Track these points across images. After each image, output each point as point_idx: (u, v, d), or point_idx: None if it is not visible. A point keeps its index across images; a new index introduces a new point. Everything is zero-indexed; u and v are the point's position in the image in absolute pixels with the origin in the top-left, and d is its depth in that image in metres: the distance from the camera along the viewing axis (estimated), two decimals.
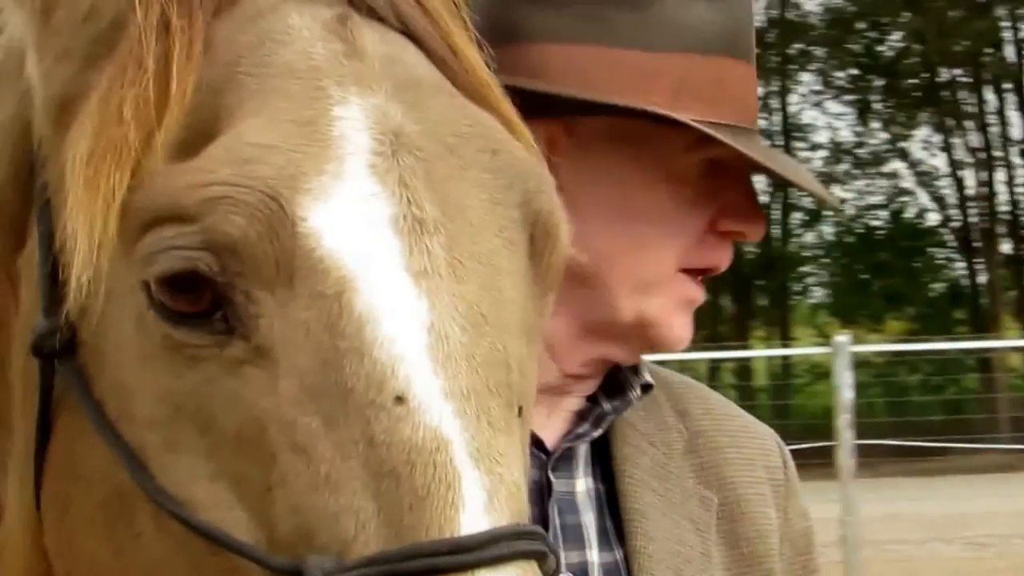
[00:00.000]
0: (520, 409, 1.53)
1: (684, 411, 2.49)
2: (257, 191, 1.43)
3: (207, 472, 1.47)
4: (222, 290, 1.45)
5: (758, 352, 40.68)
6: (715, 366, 35.66)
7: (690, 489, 2.39)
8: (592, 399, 2.38)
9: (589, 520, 2.32)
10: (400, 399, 1.40)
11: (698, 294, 2.34)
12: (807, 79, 45.65)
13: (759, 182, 2.57)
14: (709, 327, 37.13)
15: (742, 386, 36.25)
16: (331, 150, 1.48)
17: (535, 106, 1.95)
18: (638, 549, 2.27)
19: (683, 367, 13.26)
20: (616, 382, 2.39)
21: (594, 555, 2.28)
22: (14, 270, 1.72)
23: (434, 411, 1.40)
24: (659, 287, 2.27)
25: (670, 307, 2.29)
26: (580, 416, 2.37)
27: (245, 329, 1.45)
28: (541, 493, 2.29)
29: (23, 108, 1.73)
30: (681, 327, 2.32)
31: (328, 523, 1.39)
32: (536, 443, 2.30)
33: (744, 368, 39.91)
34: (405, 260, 1.46)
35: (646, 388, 2.40)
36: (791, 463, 2.56)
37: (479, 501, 1.38)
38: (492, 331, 1.49)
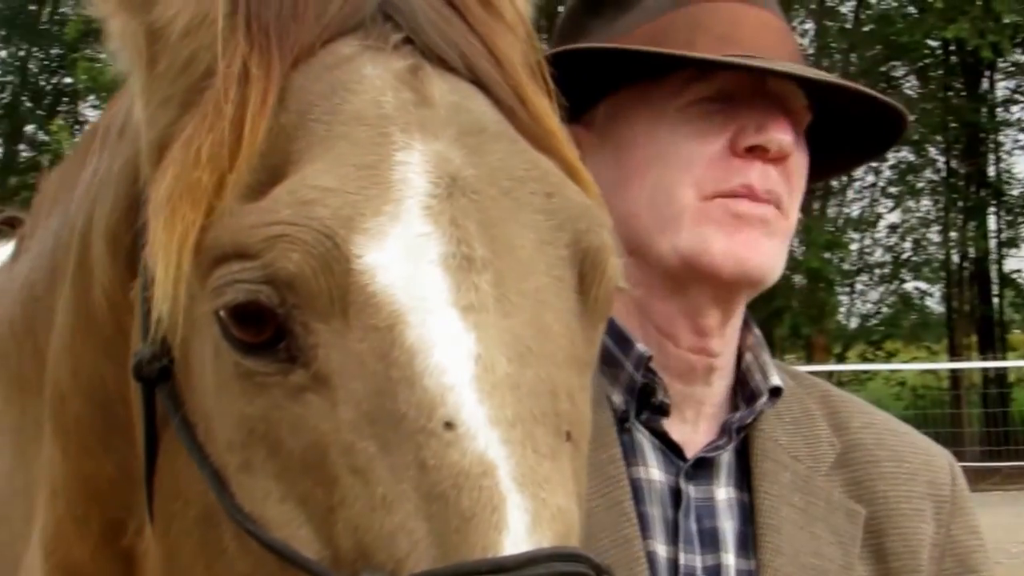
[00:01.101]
0: (569, 435, 1.56)
1: (841, 424, 2.50)
2: (313, 230, 1.50)
3: (278, 492, 1.54)
4: (283, 321, 1.52)
5: None
6: None
7: (836, 502, 2.40)
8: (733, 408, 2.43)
9: (728, 527, 2.34)
10: (449, 426, 1.45)
11: (742, 207, 2.32)
12: None
13: None
14: None
15: None
16: (389, 192, 1.54)
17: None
18: (766, 563, 2.30)
19: None
20: (751, 392, 2.42)
21: (730, 559, 2.31)
22: (131, 300, 1.81)
23: (480, 438, 1.45)
24: (686, 219, 2.30)
25: (706, 233, 2.30)
26: (723, 429, 2.41)
27: (305, 358, 1.52)
28: (675, 499, 2.33)
29: (136, 153, 1.83)
30: (736, 244, 2.32)
31: (384, 542, 1.44)
32: (676, 451, 2.35)
33: None
34: (454, 295, 1.51)
35: (774, 392, 2.41)
36: (961, 481, 2.54)
37: (522, 524, 1.42)
38: (538, 362, 1.54)
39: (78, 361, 2.01)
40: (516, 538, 1.41)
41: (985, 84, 35.75)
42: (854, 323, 37.22)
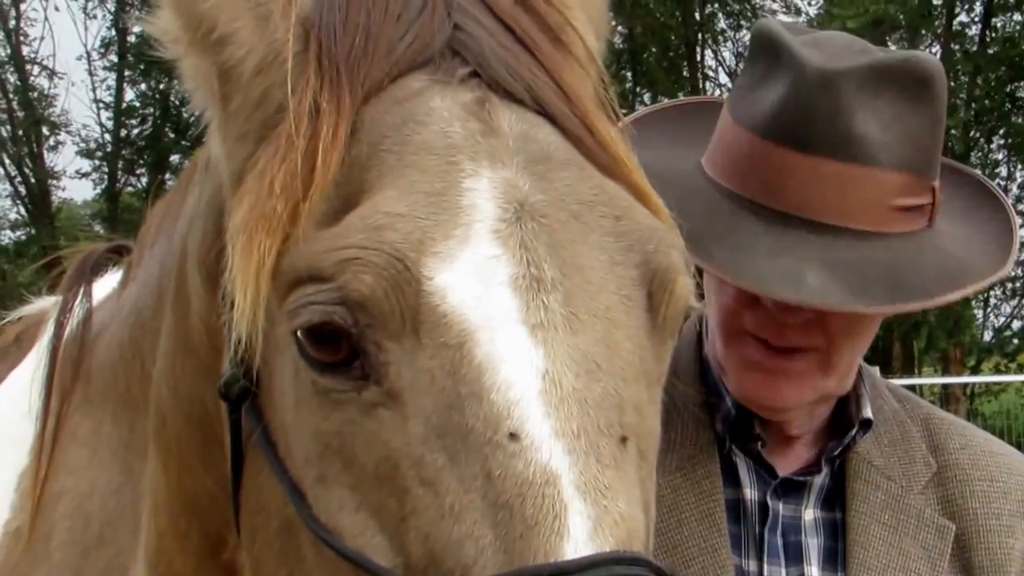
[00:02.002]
0: (635, 446, 1.58)
1: (938, 446, 2.53)
2: (385, 253, 1.53)
3: (353, 503, 1.58)
4: (357, 341, 1.56)
5: None
6: None
7: (927, 519, 2.43)
8: (832, 437, 2.47)
9: (813, 543, 2.40)
10: (514, 437, 1.48)
11: (755, 355, 2.33)
12: None
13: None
14: None
15: None
16: (459, 217, 1.57)
17: None
18: None
19: None
20: (845, 421, 2.47)
21: (813, 571, 2.37)
22: (222, 324, 1.85)
23: (544, 449, 1.47)
24: (724, 340, 2.36)
25: (733, 363, 2.35)
26: (816, 455, 2.46)
27: (377, 375, 1.56)
28: (763, 515, 2.40)
29: (220, 185, 1.88)
30: (748, 385, 2.35)
31: (453, 549, 1.48)
32: (768, 470, 2.42)
33: None
34: (522, 314, 1.54)
35: (865, 424, 2.45)
36: None
37: (583, 530, 1.44)
38: (606, 377, 1.55)
39: (178, 383, 2.05)
40: (577, 543, 1.44)
41: None
42: (988, 336, 36.80)
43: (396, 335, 1.55)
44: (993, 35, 34.25)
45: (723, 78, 38.54)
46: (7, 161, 37.02)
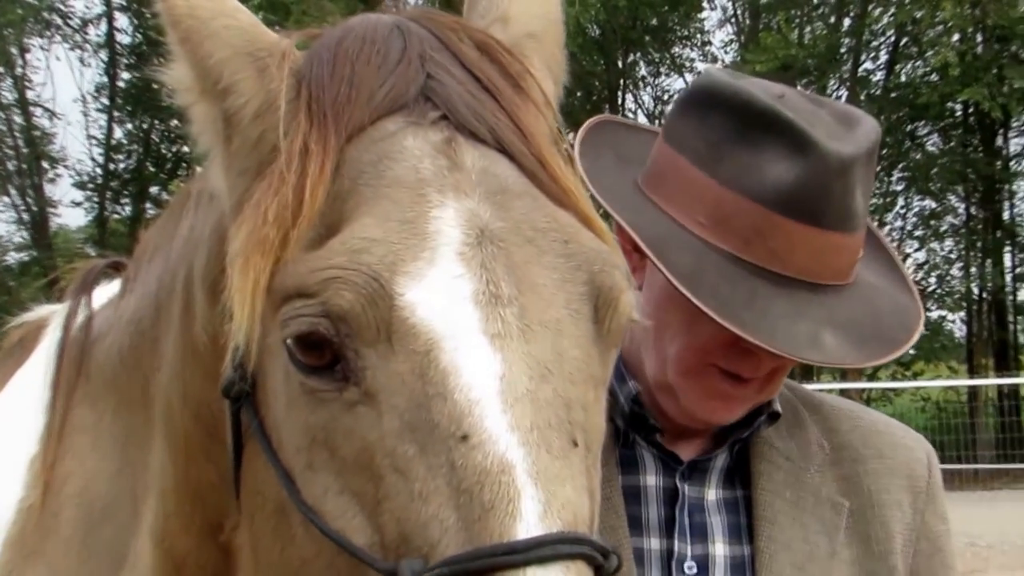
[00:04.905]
0: (581, 440, 1.68)
1: (830, 428, 2.63)
2: (362, 273, 1.63)
3: (336, 488, 1.68)
4: (338, 348, 1.66)
5: None
6: None
7: (824, 497, 2.53)
8: (732, 425, 2.51)
9: (717, 521, 2.49)
10: (475, 432, 1.58)
11: (727, 389, 2.39)
12: None
13: None
14: None
15: None
16: (426, 241, 1.67)
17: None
18: (760, 549, 2.45)
19: None
20: (752, 413, 2.52)
21: (718, 549, 2.46)
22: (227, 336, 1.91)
23: (501, 442, 1.57)
24: (683, 372, 2.39)
25: (695, 391, 2.40)
26: (716, 439, 2.55)
27: (356, 378, 1.65)
28: (672, 498, 2.49)
29: (222, 215, 1.98)
30: (709, 408, 2.42)
31: (421, 529, 1.57)
32: (673, 457, 2.50)
33: None
34: (482, 325, 1.63)
35: (772, 416, 2.53)
36: (936, 472, 2.67)
37: (534, 513, 1.54)
38: (555, 380, 1.65)
39: (186, 387, 2.14)
40: (528, 525, 1.53)
41: (1000, 140, 36.93)
42: None
43: (372, 343, 1.65)
44: (896, 81, 35.67)
45: (642, 118, 39.10)
46: (12, 191, 38.61)
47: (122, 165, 42.21)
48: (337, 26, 1.98)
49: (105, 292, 2.78)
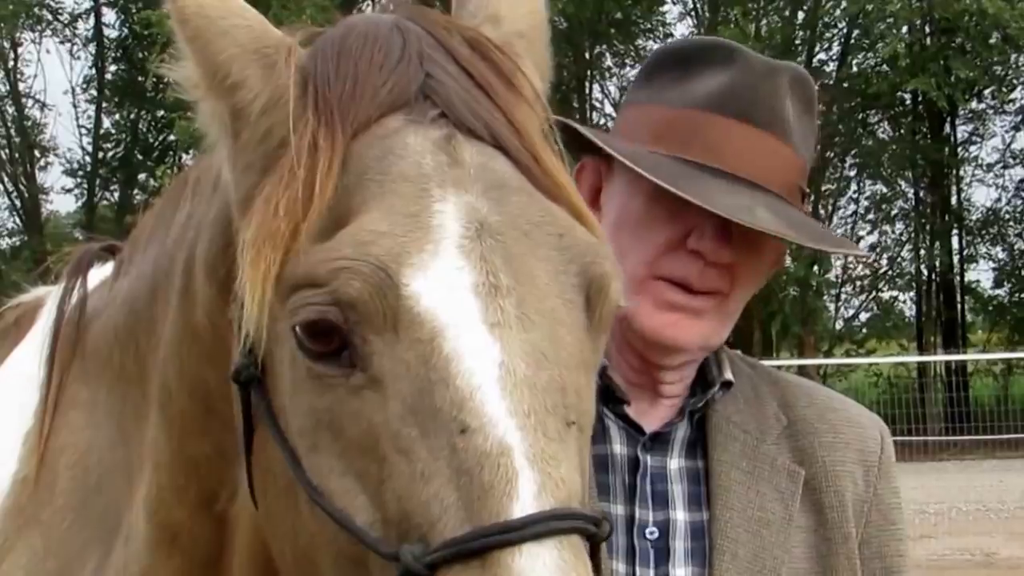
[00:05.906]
0: (575, 423, 1.70)
1: (787, 403, 2.67)
2: (370, 264, 1.65)
3: (340, 468, 1.70)
4: (346, 335, 1.67)
5: None
6: None
7: (779, 466, 2.57)
8: (690, 395, 2.56)
9: (678, 490, 2.53)
10: (475, 416, 1.60)
11: (674, 297, 2.43)
12: None
13: None
14: None
15: None
16: (430, 234, 1.69)
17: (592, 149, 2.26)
18: (717, 516, 2.49)
19: None
20: (707, 382, 2.59)
21: (679, 515, 2.49)
22: (228, 319, 1.96)
23: (500, 426, 1.59)
24: (632, 285, 2.37)
25: (645, 307, 2.43)
26: (679, 411, 2.57)
27: (363, 364, 1.67)
28: (634, 467, 2.52)
29: (226, 204, 1.99)
30: (659, 322, 2.44)
31: (422, 508, 1.60)
32: (637, 428, 2.54)
33: None
34: (482, 315, 1.66)
35: (726, 385, 2.57)
36: (889, 449, 2.71)
37: (530, 492, 1.56)
38: (551, 366, 1.67)
39: (183, 366, 2.15)
40: (524, 504, 1.55)
41: (947, 128, 37.89)
42: (839, 325, 39.52)
43: (379, 331, 1.67)
44: (849, 71, 36.41)
45: (608, 108, 40.01)
46: (5, 179, 39.42)
47: (110, 153, 43.09)
48: (339, 24, 2.02)
49: (99, 274, 2.78)
